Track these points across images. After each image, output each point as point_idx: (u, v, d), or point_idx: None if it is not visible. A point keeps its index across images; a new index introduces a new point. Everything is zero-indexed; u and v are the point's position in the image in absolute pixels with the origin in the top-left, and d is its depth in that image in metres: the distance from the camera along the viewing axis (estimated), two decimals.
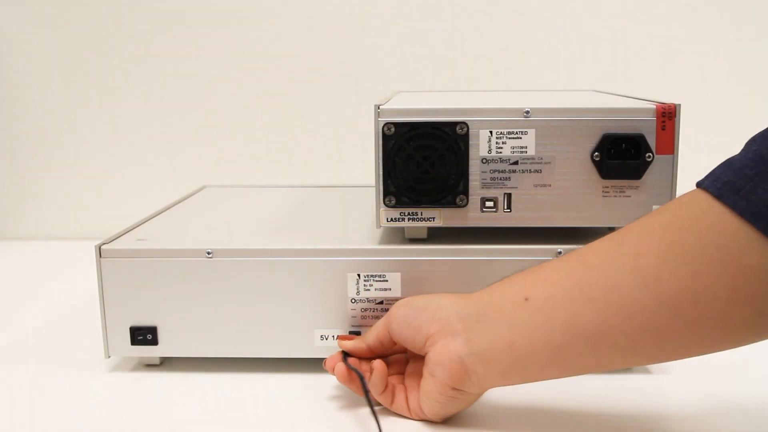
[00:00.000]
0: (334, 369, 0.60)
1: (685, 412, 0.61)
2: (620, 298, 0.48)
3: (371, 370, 0.58)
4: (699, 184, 0.49)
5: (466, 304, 0.55)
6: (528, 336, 0.52)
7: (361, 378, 0.59)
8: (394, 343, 0.60)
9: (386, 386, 0.59)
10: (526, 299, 0.52)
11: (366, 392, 0.58)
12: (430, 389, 0.56)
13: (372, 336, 0.60)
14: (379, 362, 0.58)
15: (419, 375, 0.59)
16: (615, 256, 0.50)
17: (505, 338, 0.52)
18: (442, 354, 0.54)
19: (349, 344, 0.61)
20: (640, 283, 0.48)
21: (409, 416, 0.59)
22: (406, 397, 0.59)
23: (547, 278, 0.53)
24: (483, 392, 0.57)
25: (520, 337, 0.52)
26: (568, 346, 0.51)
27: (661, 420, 0.60)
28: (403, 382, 0.61)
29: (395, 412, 0.60)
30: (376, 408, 0.59)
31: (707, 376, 0.67)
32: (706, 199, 0.47)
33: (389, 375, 0.60)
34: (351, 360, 0.61)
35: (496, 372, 0.53)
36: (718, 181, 0.47)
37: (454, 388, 0.55)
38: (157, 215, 0.81)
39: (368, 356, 0.61)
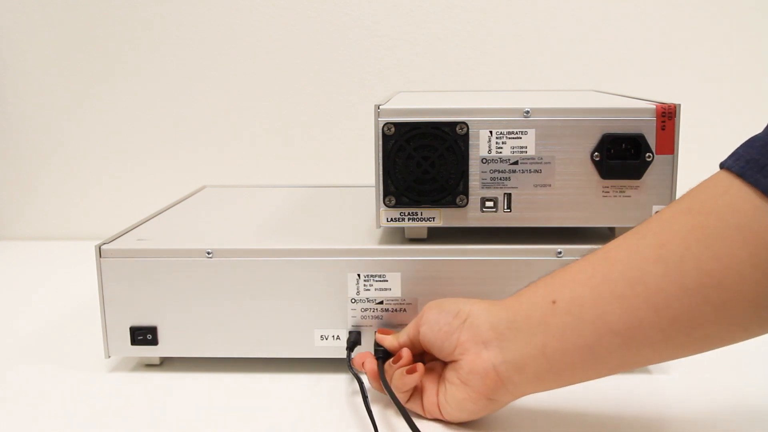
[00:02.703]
0: (363, 364, 0.61)
1: (685, 412, 0.61)
2: (646, 290, 0.47)
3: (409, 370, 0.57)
4: (722, 165, 0.47)
5: (496, 311, 0.54)
6: (559, 338, 0.51)
7: (360, 383, 0.60)
8: None
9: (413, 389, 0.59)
10: (554, 302, 0.51)
11: (365, 397, 0.59)
12: (462, 398, 0.55)
13: (404, 336, 0.60)
14: (419, 366, 0.57)
15: (435, 375, 0.58)
16: (638, 249, 0.49)
17: (537, 343, 0.51)
18: (475, 363, 0.53)
19: (387, 341, 0.61)
20: (664, 272, 0.46)
21: (422, 414, 0.58)
22: (421, 397, 0.58)
23: (573, 279, 0.52)
24: (515, 399, 0.55)
25: (552, 340, 0.51)
26: (600, 344, 0.49)
27: (661, 420, 0.60)
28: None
29: (410, 409, 0.59)
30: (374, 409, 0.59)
31: (707, 376, 0.67)
32: (728, 179, 0.46)
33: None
34: (387, 364, 0.60)
35: (531, 378, 0.52)
36: (740, 160, 0.45)
37: (488, 398, 0.54)
38: (157, 215, 0.81)
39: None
